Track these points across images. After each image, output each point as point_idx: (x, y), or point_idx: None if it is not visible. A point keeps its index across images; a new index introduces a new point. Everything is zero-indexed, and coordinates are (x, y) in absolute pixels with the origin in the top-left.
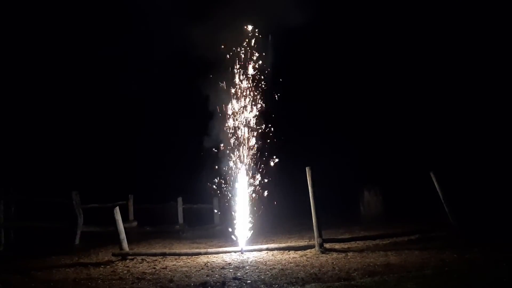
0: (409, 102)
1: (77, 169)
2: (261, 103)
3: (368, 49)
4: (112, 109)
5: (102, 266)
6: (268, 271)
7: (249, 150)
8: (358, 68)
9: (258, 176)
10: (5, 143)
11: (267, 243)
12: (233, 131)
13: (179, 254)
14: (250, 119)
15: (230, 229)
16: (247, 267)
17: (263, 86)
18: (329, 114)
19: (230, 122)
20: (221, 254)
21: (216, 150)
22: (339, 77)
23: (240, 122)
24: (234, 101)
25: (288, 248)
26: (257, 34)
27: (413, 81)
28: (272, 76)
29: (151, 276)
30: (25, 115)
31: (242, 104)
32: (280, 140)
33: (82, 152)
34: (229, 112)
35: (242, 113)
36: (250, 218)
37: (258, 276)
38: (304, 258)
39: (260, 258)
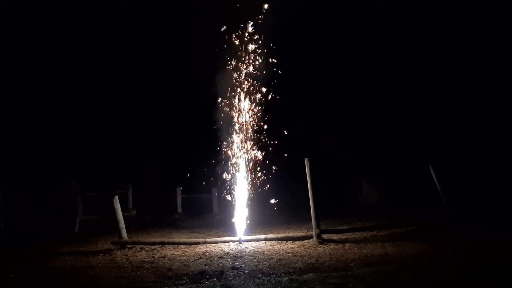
0: (408, 95)
1: (77, 157)
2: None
3: (366, 41)
4: (110, 98)
5: (101, 254)
6: (266, 261)
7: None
8: (356, 60)
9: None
10: (4, 131)
11: (265, 233)
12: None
13: (178, 243)
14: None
15: (229, 217)
16: (245, 257)
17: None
18: (327, 105)
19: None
20: (219, 244)
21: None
22: (337, 69)
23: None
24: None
25: (286, 239)
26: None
27: (411, 74)
28: (271, 65)
29: (149, 264)
30: (26, 103)
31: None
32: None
33: (82, 141)
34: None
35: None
36: (248, 208)
37: (256, 265)
38: (302, 248)
39: (258, 248)
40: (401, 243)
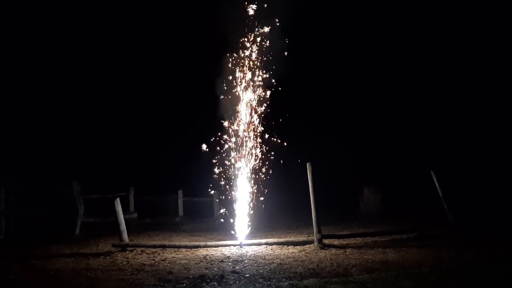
0: (411, 100)
1: (79, 159)
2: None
3: (370, 44)
4: (112, 101)
5: (101, 256)
6: (267, 265)
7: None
8: (360, 65)
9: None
10: (6, 132)
11: (266, 237)
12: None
13: (179, 247)
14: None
15: (230, 221)
16: (246, 261)
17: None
18: (330, 110)
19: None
20: (220, 248)
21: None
22: (341, 74)
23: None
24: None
25: (287, 243)
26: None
27: (414, 80)
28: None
29: (150, 267)
30: (27, 105)
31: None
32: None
33: (83, 143)
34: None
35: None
36: (249, 212)
37: (256, 270)
38: (303, 253)
39: (259, 252)
40: (402, 249)
